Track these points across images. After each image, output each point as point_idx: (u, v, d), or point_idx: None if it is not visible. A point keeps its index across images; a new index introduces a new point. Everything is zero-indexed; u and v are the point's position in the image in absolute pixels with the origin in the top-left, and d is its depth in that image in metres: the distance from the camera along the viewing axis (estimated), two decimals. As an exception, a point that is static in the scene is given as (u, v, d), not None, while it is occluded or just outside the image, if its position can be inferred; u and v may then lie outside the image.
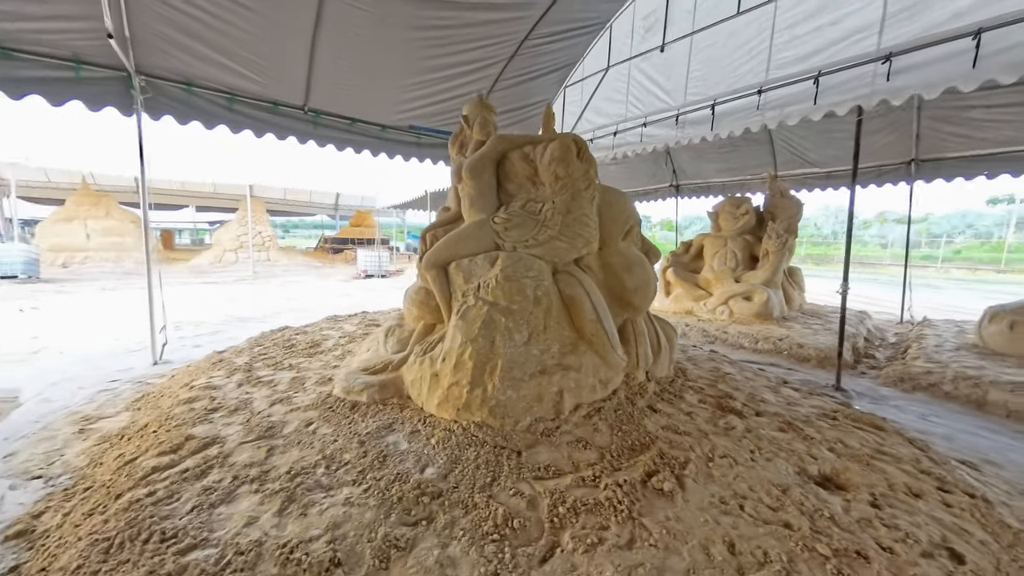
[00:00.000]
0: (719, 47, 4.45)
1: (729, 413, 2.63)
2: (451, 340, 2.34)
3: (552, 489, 1.73)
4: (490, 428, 2.12)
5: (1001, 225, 25.26)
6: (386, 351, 2.96)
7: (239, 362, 3.42)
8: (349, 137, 5.25)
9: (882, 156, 6.87)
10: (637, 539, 1.50)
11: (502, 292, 2.32)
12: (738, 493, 1.80)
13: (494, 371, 2.21)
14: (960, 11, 2.97)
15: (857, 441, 2.37)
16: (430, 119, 5.77)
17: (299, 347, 3.81)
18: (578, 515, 1.60)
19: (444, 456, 1.93)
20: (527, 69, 5.76)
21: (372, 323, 4.77)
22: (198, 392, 2.80)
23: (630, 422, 2.34)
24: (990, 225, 25.83)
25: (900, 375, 4.09)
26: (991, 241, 25.24)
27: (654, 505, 1.68)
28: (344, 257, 17.18)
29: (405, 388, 2.58)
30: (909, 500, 1.86)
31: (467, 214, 2.69)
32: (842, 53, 3.57)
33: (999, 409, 3.39)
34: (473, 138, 2.81)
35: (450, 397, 2.25)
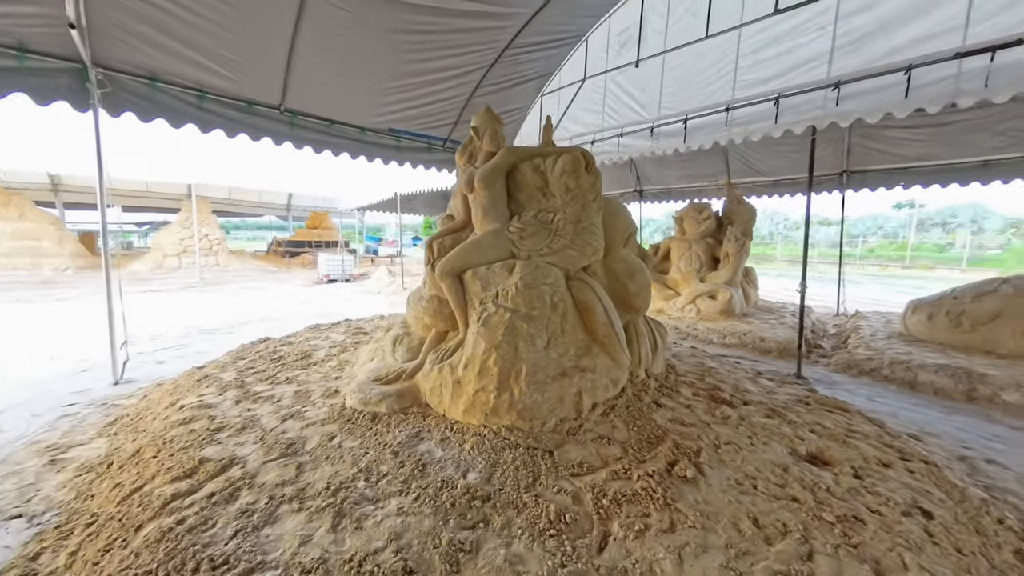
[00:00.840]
0: (689, 66, 4.82)
1: (722, 404, 2.90)
2: (473, 347, 2.40)
3: (591, 484, 1.86)
4: (520, 431, 2.20)
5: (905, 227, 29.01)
6: (395, 360, 2.94)
7: (227, 378, 3.22)
8: (327, 139, 5.07)
9: (820, 168, 7.70)
10: (677, 523, 1.66)
11: (522, 299, 2.42)
12: (748, 475, 2.03)
13: (519, 376, 2.29)
14: (895, 48, 3.47)
15: (831, 422, 2.72)
16: (410, 122, 5.71)
17: (288, 359, 3.65)
18: (620, 506, 1.74)
19: (482, 460, 1.99)
20: (507, 77, 5.87)
21: (359, 331, 4.66)
22: (192, 412, 2.63)
23: (641, 417, 2.52)
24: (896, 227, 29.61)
25: (847, 362, 4.66)
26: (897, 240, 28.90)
27: (683, 491, 1.86)
28: (301, 261, 16.31)
29: (423, 396, 2.60)
30: (881, 470, 2.18)
31: (480, 223, 2.75)
32: (799, 79, 4.02)
33: (927, 388, 3.98)
34: (483, 149, 2.87)
35: (477, 403, 2.30)
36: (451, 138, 6.24)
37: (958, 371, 3.97)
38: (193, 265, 12.92)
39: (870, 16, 3.60)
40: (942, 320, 5.03)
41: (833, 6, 3.76)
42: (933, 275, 19.41)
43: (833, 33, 3.79)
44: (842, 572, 1.45)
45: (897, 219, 30.30)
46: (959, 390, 3.82)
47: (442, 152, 6.31)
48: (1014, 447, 2.92)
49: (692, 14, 4.73)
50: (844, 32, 3.74)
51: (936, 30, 3.29)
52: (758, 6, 4.20)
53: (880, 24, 3.56)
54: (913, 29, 3.39)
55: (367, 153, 5.47)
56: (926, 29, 3.33)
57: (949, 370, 4.02)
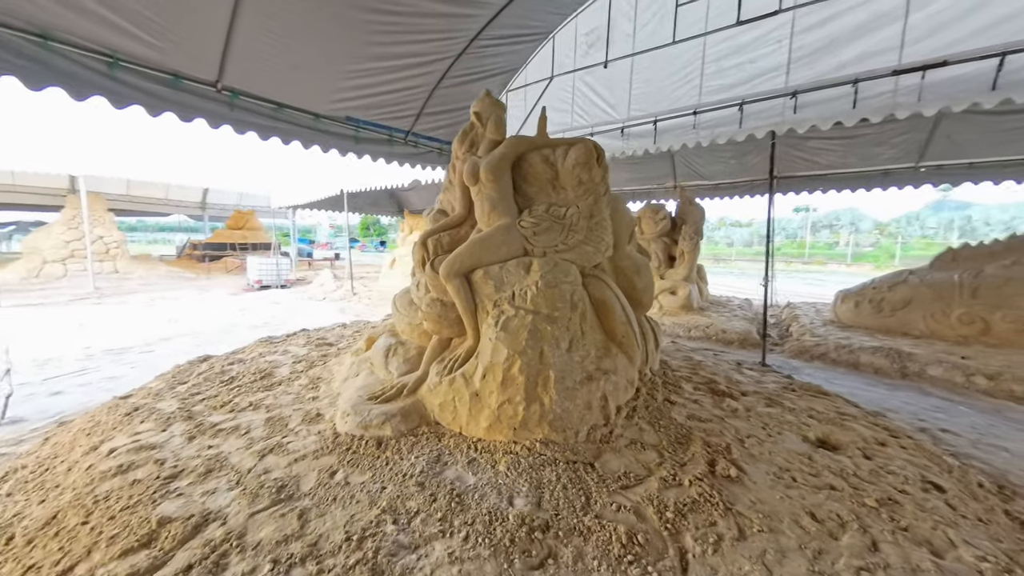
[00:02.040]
0: (657, 70, 4.97)
1: (724, 396, 2.95)
2: (492, 354, 2.16)
3: (646, 496, 1.73)
4: (555, 444, 2.01)
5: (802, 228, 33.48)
6: (390, 373, 2.59)
7: (167, 408, 2.61)
8: (274, 124, 4.44)
9: (753, 173, 8.46)
10: (745, 528, 1.59)
11: (544, 300, 2.23)
12: (781, 467, 2.04)
13: (547, 383, 2.10)
14: (843, 63, 3.84)
15: (821, 406, 2.89)
16: (369, 111, 5.23)
17: (244, 380, 3.08)
18: (685, 516, 1.63)
19: (525, 482, 1.77)
20: (473, 69, 5.62)
21: (322, 342, 4.12)
22: (129, 457, 2.06)
23: (663, 417, 2.46)
24: (795, 228, 34.08)
25: (799, 349, 5.10)
26: (796, 240, 33.21)
27: (734, 492, 1.80)
28: (224, 266, 14.39)
29: (431, 413, 2.30)
30: (882, 449, 2.34)
31: (487, 218, 2.50)
32: (760, 87, 4.30)
33: (868, 368, 4.48)
34: (486, 137, 2.63)
35: (503, 417, 2.07)
36: (413, 131, 5.84)
37: (891, 351, 4.52)
38: (84, 273, 10.78)
39: (821, 33, 3.95)
40: (866, 307, 5.74)
41: (789, 22, 4.08)
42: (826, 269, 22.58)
43: (789, 47, 4.11)
44: (909, 558, 1.47)
45: (796, 221, 34.87)
46: (894, 368, 4.35)
47: (403, 145, 5.88)
48: (953, 416, 3.34)
49: (659, 19, 4.88)
50: (799, 46, 4.07)
51: (877, 49, 3.68)
52: (721, 17, 4.43)
53: (829, 41, 3.92)
54: (858, 47, 3.77)
55: (321, 142, 4.89)
56: (869, 47, 3.72)
57: (883, 351, 4.57)
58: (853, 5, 3.80)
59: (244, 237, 16.57)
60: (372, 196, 12.25)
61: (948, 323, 4.98)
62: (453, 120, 6.28)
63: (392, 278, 10.82)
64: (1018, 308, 4.57)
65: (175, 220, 27.23)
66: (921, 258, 25.95)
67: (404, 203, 14.92)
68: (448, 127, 6.32)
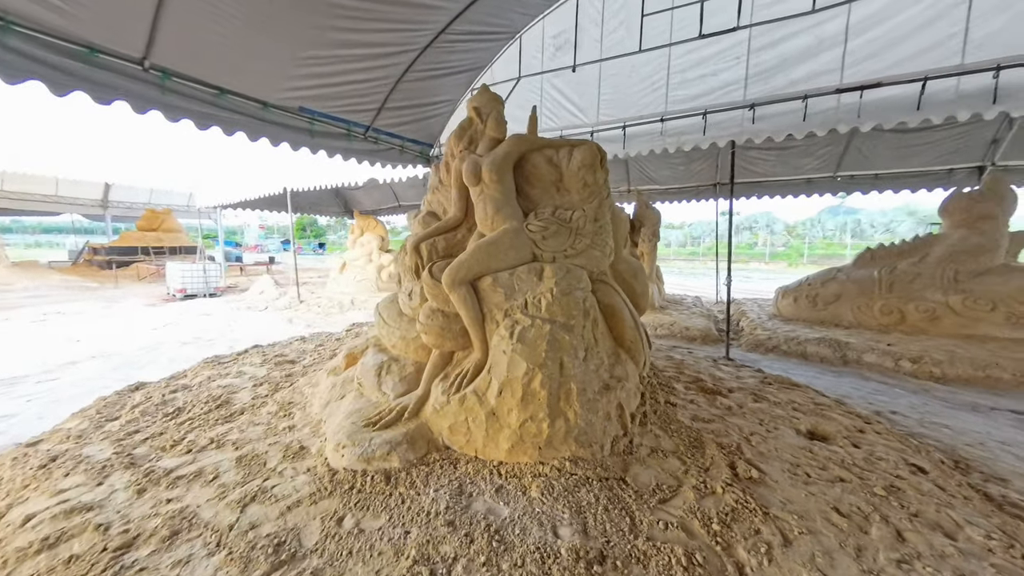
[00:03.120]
0: (625, 77, 5.09)
1: (715, 394, 3.05)
2: (508, 368, 2.00)
3: (687, 508, 1.68)
4: (583, 460, 1.90)
5: (728, 230, 36.89)
6: (384, 394, 2.31)
7: (98, 454, 2.11)
8: (215, 112, 3.87)
9: (699, 179, 9.06)
10: (786, 532, 1.60)
11: (560, 308, 2.11)
12: (790, 462, 2.12)
13: (569, 396, 1.99)
14: (795, 80, 4.19)
15: (799, 398, 3.09)
16: (326, 103, 4.78)
17: (195, 411, 2.60)
18: (730, 527, 1.60)
19: (564, 508, 1.64)
20: (438, 64, 5.37)
21: (282, 360, 3.66)
22: (55, 525, 1.61)
23: (671, 421, 2.46)
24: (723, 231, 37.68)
25: (753, 342, 5.50)
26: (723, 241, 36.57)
27: (762, 494, 1.82)
28: (135, 272, 12.44)
29: (440, 437, 2.08)
30: (862, 436, 2.53)
31: (490, 220, 2.33)
32: (721, 99, 4.57)
33: (815, 358, 4.93)
34: (486, 134, 2.45)
35: (525, 436, 1.92)
36: (374, 126, 5.45)
37: (832, 342, 5.02)
38: (-60, 285, 8.72)
39: (774, 53, 4.28)
40: (803, 302, 6.35)
41: (746, 40, 4.37)
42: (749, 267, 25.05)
43: (747, 63, 4.40)
44: (932, 544, 1.56)
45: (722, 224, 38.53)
46: (836, 357, 4.83)
47: (363, 141, 5.46)
48: (893, 398, 3.76)
49: (625, 27, 5.00)
50: (755, 63, 4.37)
51: (823, 70, 4.06)
52: (685, 30, 4.64)
53: (781, 60, 4.25)
54: (806, 67, 4.14)
55: (271, 135, 4.36)
56: (816, 68, 4.09)
57: (826, 342, 5.06)
58: (800, 29, 4.15)
59: (159, 240, 14.48)
60: (315, 195, 11.36)
61: (871, 314, 5.66)
62: (416, 116, 5.97)
63: (342, 283, 10.09)
64: (926, 300, 5.31)
65: (66, 220, 23.38)
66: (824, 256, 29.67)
67: (352, 202, 14.04)
68: (411, 123, 6.00)
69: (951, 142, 6.56)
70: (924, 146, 6.72)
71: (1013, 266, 5.14)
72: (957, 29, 3.57)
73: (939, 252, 5.55)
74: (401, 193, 12.67)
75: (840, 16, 3.98)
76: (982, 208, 5.39)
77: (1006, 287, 4.91)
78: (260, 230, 36.28)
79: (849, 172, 7.82)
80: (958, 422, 3.16)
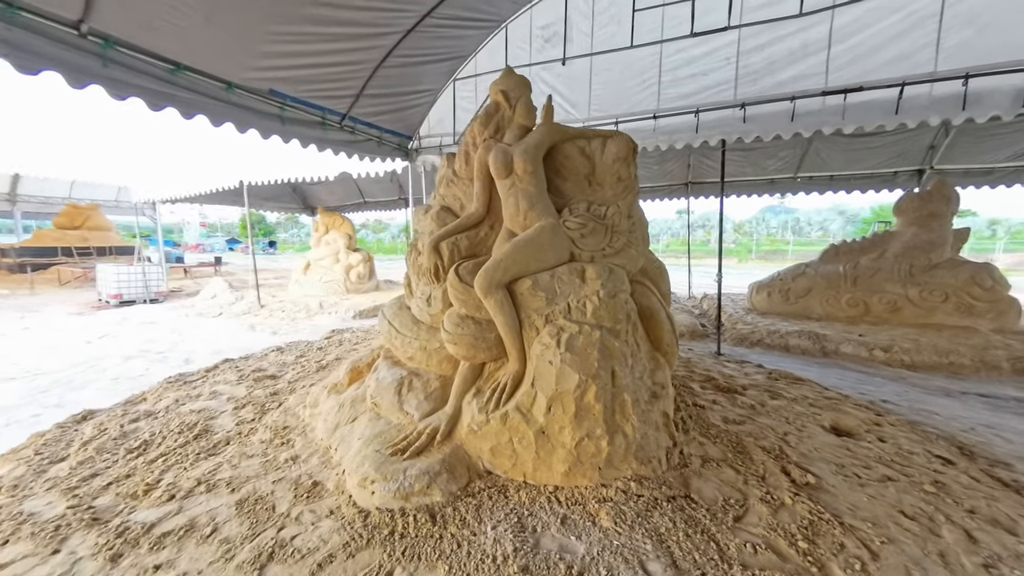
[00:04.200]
0: (617, 73, 5.01)
1: (732, 393, 3.03)
2: (557, 381, 1.80)
3: (765, 525, 1.57)
4: (646, 480, 1.75)
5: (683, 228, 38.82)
6: (406, 414, 2.03)
7: (45, 510, 1.66)
8: (170, 91, 3.32)
9: (672, 179, 9.29)
10: (867, 543, 1.53)
11: (607, 312, 1.94)
12: (835, 463, 2.09)
13: (625, 409, 1.83)
14: (782, 82, 4.30)
15: (809, 393, 3.14)
16: (299, 87, 4.30)
17: (167, 443, 2.17)
18: (814, 542, 1.51)
19: (643, 537, 1.47)
20: (421, 50, 5.02)
21: (261, 375, 3.22)
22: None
23: (704, 423, 2.38)
24: (679, 228, 39.51)
25: (738, 337, 5.66)
26: (679, 238, 38.39)
27: (827, 501, 1.76)
28: (55, 276, 10.80)
29: (480, 461, 1.84)
30: (881, 429, 2.58)
31: (523, 217, 2.11)
32: (712, 98, 4.61)
33: (797, 350, 5.15)
34: (515, 122, 2.22)
35: (583, 456, 1.73)
36: (351, 115, 5.01)
37: (811, 334, 5.27)
38: None
39: (762, 56, 4.36)
40: (777, 296, 6.66)
41: (735, 42, 4.43)
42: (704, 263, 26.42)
43: (736, 64, 4.47)
44: (1004, 543, 1.56)
45: (679, 222, 40.35)
46: (816, 349, 5.07)
47: (338, 130, 5.00)
48: (878, 387, 3.96)
49: (616, 22, 4.92)
50: (744, 65, 4.44)
51: (808, 73, 4.19)
52: (676, 28, 4.64)
53: (769, 63, 4.35)
54: (793, 70, 4.25)
55: (236, 120, 3.83)
56: (802, 71, 4.22)
57: (805, 334, 5.31)
58: (787, 33, 4.25)
59: (84, 239, 12.67)
60: (270, 190, 10.49)
61: (839, 306, 6.02)
62: (395, 105, 5.58)
63: (307, 285, 9.37)
64: (887, 292, 5.72)
65: (-45, 216, 20.12)
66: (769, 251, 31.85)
67: (311, 198, 13.14)
68: (390, 113, 5.59)
69: (895, 147, 7.13)
70: (871, 150, 7.26)
71: (959, 260, 5.65)
72: (930, 39, 3.79)
73: (896, 248, 6.00)
74: (367, 189, 12.01)
75: (824, 22, 4.12)
76: (931, 207, 5.88)
77: (956, 279, 5.39)
78: (201, 228, 33.19)
79: (807, 173, 8.31)
80: (942, 408, 3.35)
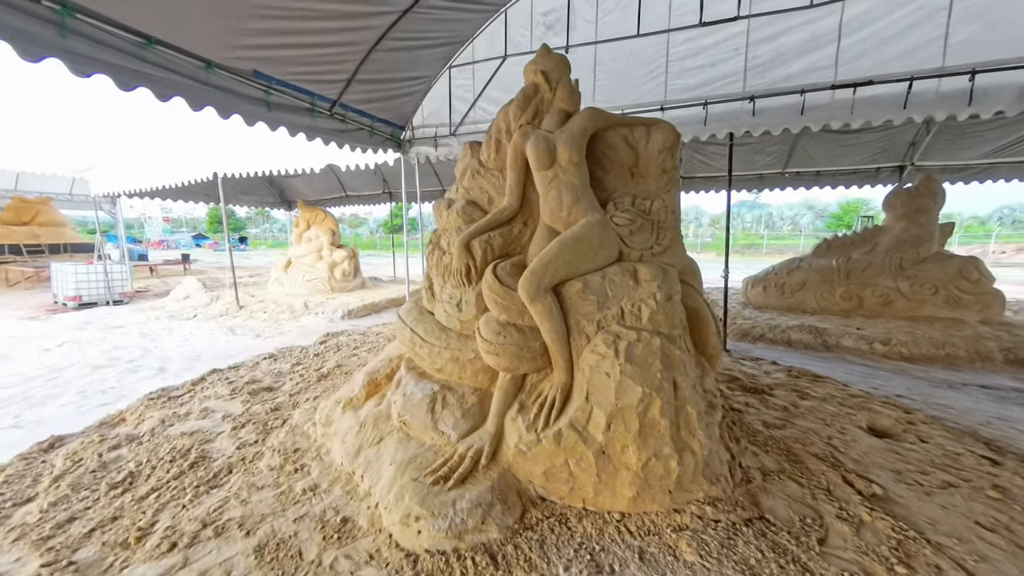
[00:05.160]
0: (622, 62, 4.85)
1: (761, 394, 2.94)
2: (616, 395, 1.62)
3: (855, 549, 1.45)
4: (718, 502, 1.59)
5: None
6: (442, 434, 1.81)
7: (15, 567, 1.36)
8: (142, 68, 2.92)
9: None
10: (961, 562, 1.43)
11: (664, 317, 1.77)
12: (891, 470, 2.01)
13: (689, 423, 1.67)
14: (791, 75, 4.24)
15: (833, 391, 3.10)
16: (286, 69, 3.93)
17: (155, 475, 1.86)
18: (911, 566, 1.39)
19: (735, 572, 1.31)
20: (415, 34, 4.70)
21: (256, 387, 2.90)
22: None
23: (750, 430, 2.26)
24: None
25: (740, 332, 5.66)
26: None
27: (902, 515, 1.66)
28: (2, 277, 9.78)
29: (532, 485, 1.65)
30: (919, 430, 2.54)
31: (568, 212, 1.90)
32: (720, 90, 4.51)
33: (799, 344, 5.18)
34: (555, 106, 2.01)
35: (651, 479, 1.56)
36: (342, 101, 4.65)
37: (811, 328, 5.31)
38: None
39: (771, 47, 4.29)
40: (772, 290, 6.72)
41: (744, 32, 4.34)
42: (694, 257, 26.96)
43: (745, 56, 4.38)
44: (1086, 552, 1.50)
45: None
46: (818, 343, 5.11)
47: (328, 118, 4.64)
48: (886, 381, 3.98)
49: (621, 9, 4.75)
50: (753, 56, 4.36)
51: (818, 66, 4.14)
52: (684, 17, 4.50)
53: (778, 54, 4.28)
54: (802, 62, 4.20)
55: (217, 103, 3.44)
56: (811, 63, 4.17)
57: (805, 329, 5.35)
58: (796, 25, 4.18)
59: (35, 236, 11.57)
60: (245, 183, 9.86)
61: (834, 300, 6.12)
62: (388, 93, 5.24)
63: (288, 284, 8.87)
64: (879, 286, 5.84)
65: None
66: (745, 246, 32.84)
67: (288, 191, 12.50)
68: (382, 101, 5.25)
69: (878, 143, 7.28)
70: (856, 146, 7.39)
71: (947, 254, 5.83)
72: (939, 33, 3.79)
73: (886, 243, 6.13)
74: (349, 182, 11.50)
75: (834, 14, 4.07)
76: (919, 203, 6.04)
77: (944, 273, 5.55)
78: (165, 223, 31.22)
79: (795, 169, 8.42)
80: (952, 402, 3.38)
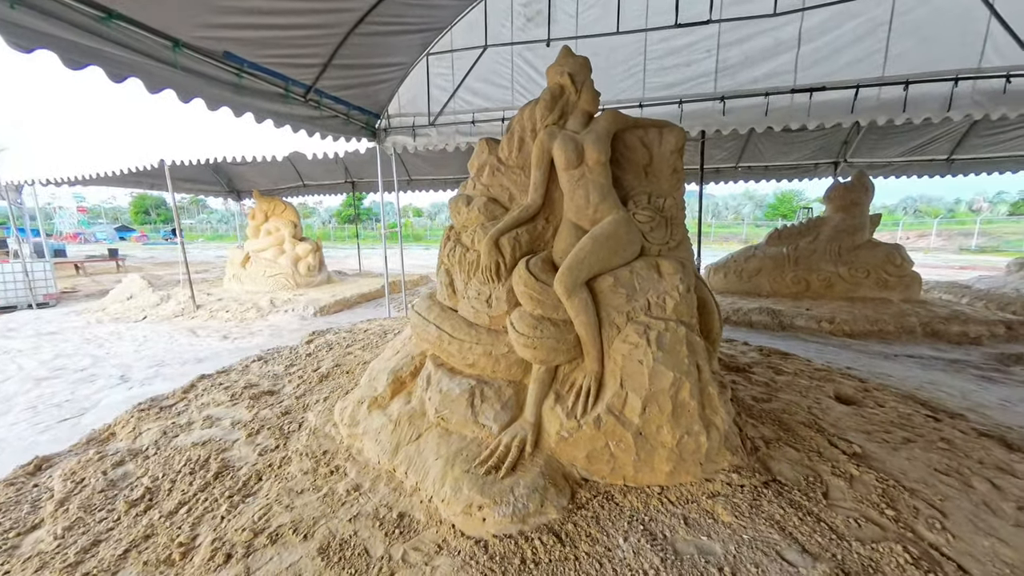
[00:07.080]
0: (602, 59, 4.96)
1: (743, 372, 3.25)
2: (650, 380, 1.76)
3: (853, 499, 1.70)
4: (741, 469, 1.79)
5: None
6: (482, 427, 1.86)
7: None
8: (97, 46, 2.60)
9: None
10: (932, 502, 1.73)
11: (686, 307, 1.93)
12: (862, 431, 2.34)
13: (712, 402, 1.85)
14: (757, 78, 4.59)
15: (802, 367, 3.49)
16: (259, 51, 3.65)
17: (178, 488, 1.76)
18: (897, 509, 1.66)
19: (768, 527, 1.50)
20: (393, 19, 4.52)
21: (256, 392, 2.76)
22: None
23: (744, 405, 2.52)
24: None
25: (707, 317, 6.12)
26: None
27: (882, 468, 1.96)
28: None
29: (575, 468, 1.76)
30: (874, 396, 2.94)
31: (594, 210, 1.99)
32: (694, 89, 4.78)
33: (760, 326, 5.71)
34: (579, 107, 2.06)
35: (685, 454, 1.72)
36: (317, 87, 4.40)
37: (768, 311, 5.86)
38: None
39: (739, 50, 4.60)
40: (732, 276, 7.30)
41: (716, 35, 4.61)
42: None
43: (716, 58, 4.67)
44: (1014, 484, 1.86)
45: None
46: (775, 324, 5.66)
47: (302, 104, 4.38)
48: (835, 355, 4.52)
49: (602, 6, 4.86)
50: (723, 59, 4.66)
51: (780, 70, 4.52)
52: (661, 17, 4.70)
53: (745, 57, 4.61)
54: (766, 66, 4.55)
55: (178, 86, 3.11)
56: (774, 68, 4.53)
57: (763, 311, 5.89)
58: (762, 31, 4.52)
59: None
60: (189, 170, 9.03)
61: (785, 284, 6.77)
62: (364, 79, 5.02)
63: (248, 280, 8.28)
64: (823, 270, 6.54)
65: None
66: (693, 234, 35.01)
67: (237, 179, 11.57)
68: (358, 87, 5.03)
69: (817, 141, 8.05)
70: (800, 143, 8.12)
71: (876, 242, 6.63)
72: (880, 46, 4.27)
73: (827, 232, 6.85)
74: (307, 171, 10.85)
75: (795, 23, 4.44)
76: (853, 196, 6.79)
77: (875, 258, 6.32)
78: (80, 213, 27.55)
79: (747, 163, 9.08)
80: (890, 370, 3.92)
